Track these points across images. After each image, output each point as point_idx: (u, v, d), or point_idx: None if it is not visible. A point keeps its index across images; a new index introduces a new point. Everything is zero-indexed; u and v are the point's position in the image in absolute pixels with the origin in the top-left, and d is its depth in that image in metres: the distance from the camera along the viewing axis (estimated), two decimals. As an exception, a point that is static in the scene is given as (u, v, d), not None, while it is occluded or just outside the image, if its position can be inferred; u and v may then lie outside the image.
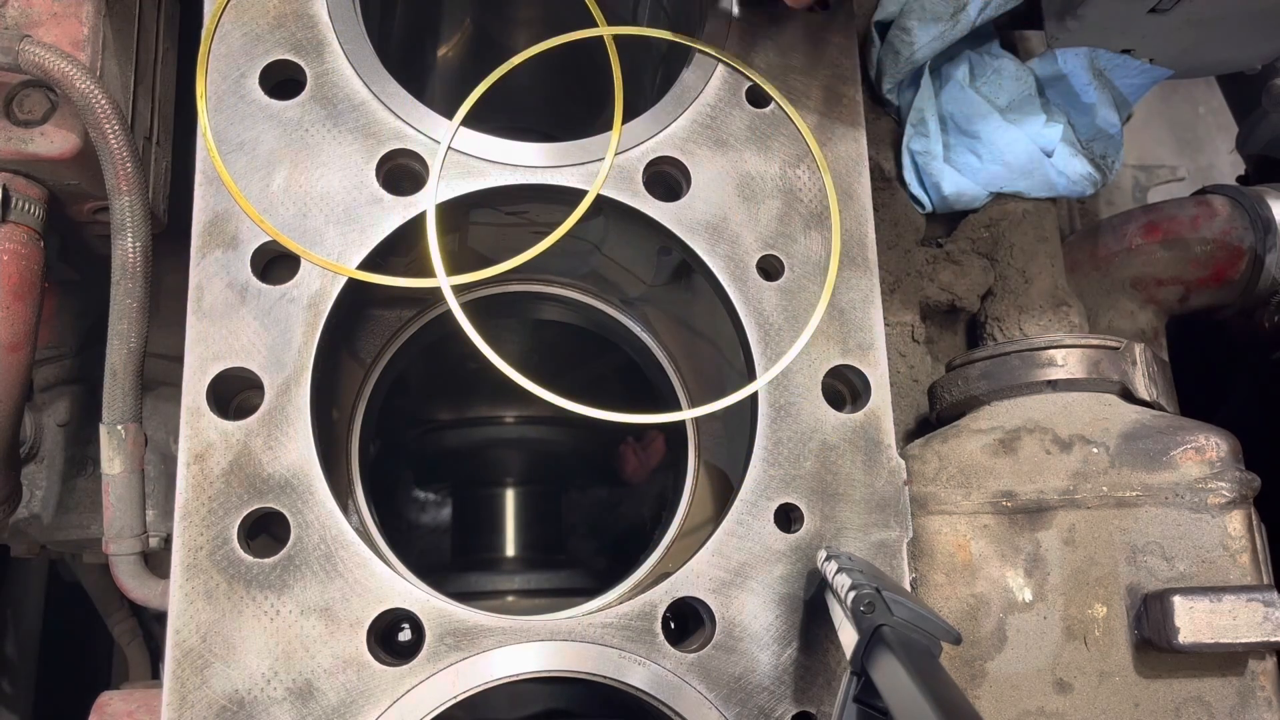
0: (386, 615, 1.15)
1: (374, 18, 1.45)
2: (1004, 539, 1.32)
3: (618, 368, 2.02)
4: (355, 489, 1.53)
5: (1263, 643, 1.21)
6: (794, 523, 1.26)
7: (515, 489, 2.10)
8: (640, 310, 1.65)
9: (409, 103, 1.30)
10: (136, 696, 1.37)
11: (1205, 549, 1.29)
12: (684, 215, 1.33)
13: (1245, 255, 1.71)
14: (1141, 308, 1.76)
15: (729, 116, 1.37)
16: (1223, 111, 2.37)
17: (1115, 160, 1.80)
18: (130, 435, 1.34)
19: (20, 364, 1.43)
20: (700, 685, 1.18)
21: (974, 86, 1.72)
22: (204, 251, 1.22)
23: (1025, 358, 1.42)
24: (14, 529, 1.74)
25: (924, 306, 1.73)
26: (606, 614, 1.19)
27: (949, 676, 0.91)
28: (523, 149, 1.31)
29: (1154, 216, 1.77)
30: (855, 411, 1.30)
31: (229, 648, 1.12)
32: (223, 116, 1.27)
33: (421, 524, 2.36)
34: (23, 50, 1.30)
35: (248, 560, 1.14)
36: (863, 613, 0.98)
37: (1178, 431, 1.34)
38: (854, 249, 1.36)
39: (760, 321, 1.31)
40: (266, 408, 1.19)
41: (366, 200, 1.26)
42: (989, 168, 1.70)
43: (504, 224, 1.49)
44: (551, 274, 1.65)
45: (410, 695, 1.12)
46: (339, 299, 1.23)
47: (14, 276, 1.41)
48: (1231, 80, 2.25)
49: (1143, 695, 1.27)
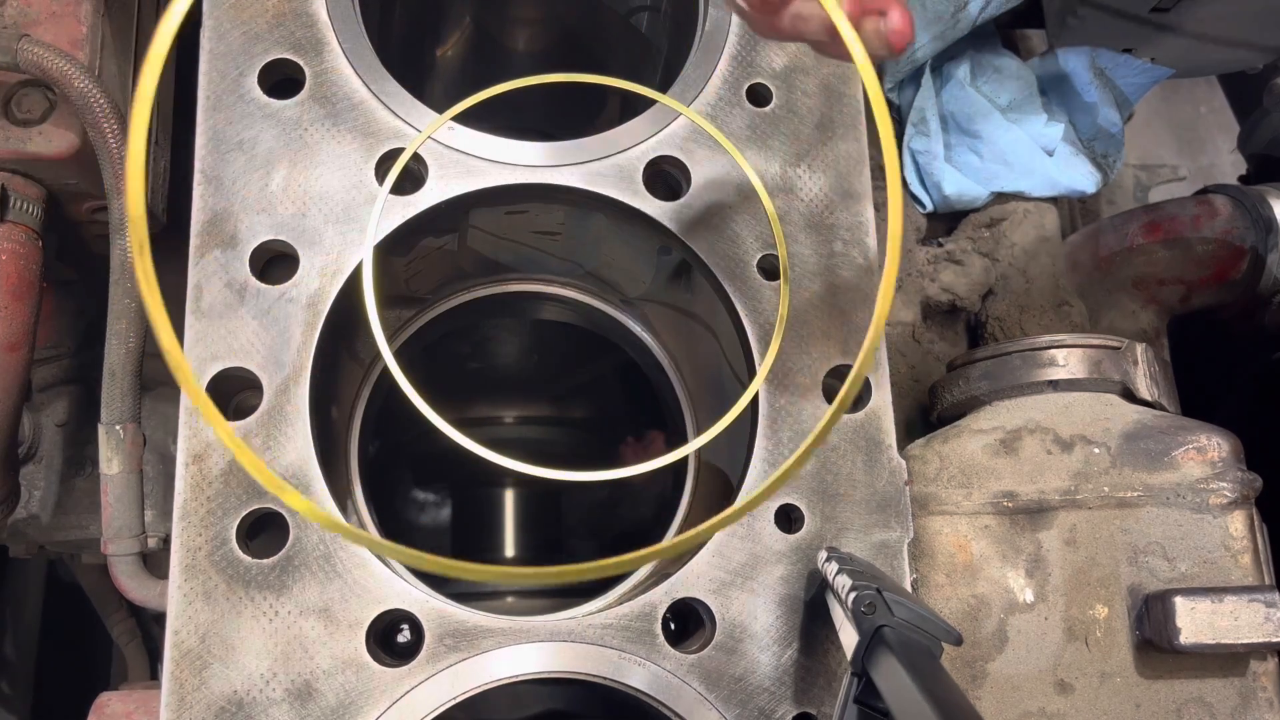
0: (385, 616, 1.15)
1: (373, 17, 1.45)
2: (1005, 539, 1.31)
3: (618, 368, 2.02)
4: (354, 489, 1.53)
5: (1264, 643, 1.21)
6: (794, 523, 1.26)
7: (514, 489, 2.10)
8: (640, 310, 1.65)
9: (408, 102, 1.30)
10: (135, 697, 1.36)
11: (1207, 549, 1.29)
12: (684, 215, 1.32)
13: (1246, 255, 1.71)
14: (1143, 307, 1.76)
15: (729, 115, 1.37)
16: (1224, 111, 2.37)
17: (1116, 159, 1.80)
18: (129, 435, 1.34)
19: (18, 364, 1.43)
20: (700, 686, 1.17)
21: (975, 86, 1.72)
22: (202, 251, 1.22)
23: (1026, 357, 1.42)
24: (12, 529, 1.74)
25: (925, 306, 1.73)
26: (606, 615, 1.19)
27: (950, 677, 0.90)
28: (522, 148, 1.31)
29: (1155, 216, 1.76)
30: (855, 411, 1.30)
31: (228, 648, 1.11)
32: (221, 116, 1.27)
33: (421, 524, 2.36)
34: (21, 49, 1.30)
35: (246, 561, 1.14)
36: (863, 613, 0.98)
37: (1179, 431, 1.33)
38: (853, 248, 1.36)
39: (760, 321, 1.31)
40: (265, 408, 1.18)
41: (365, 200, 1.26)
42: (990, 167, 1.70)
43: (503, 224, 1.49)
44: (551, 274, 1.65)
45: (409, 696, 1.12)
46: (338, 299, 1.23)
47: (12, 276, 1.41)
48: (1232, 80, 2.25)
49: (1144, 696, 1.27)
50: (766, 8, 0.90)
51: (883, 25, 0.87)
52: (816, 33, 0.90)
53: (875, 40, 0.87)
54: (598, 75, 1.28)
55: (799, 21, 0.90)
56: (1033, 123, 1.72)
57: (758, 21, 0.94)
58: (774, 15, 0.91)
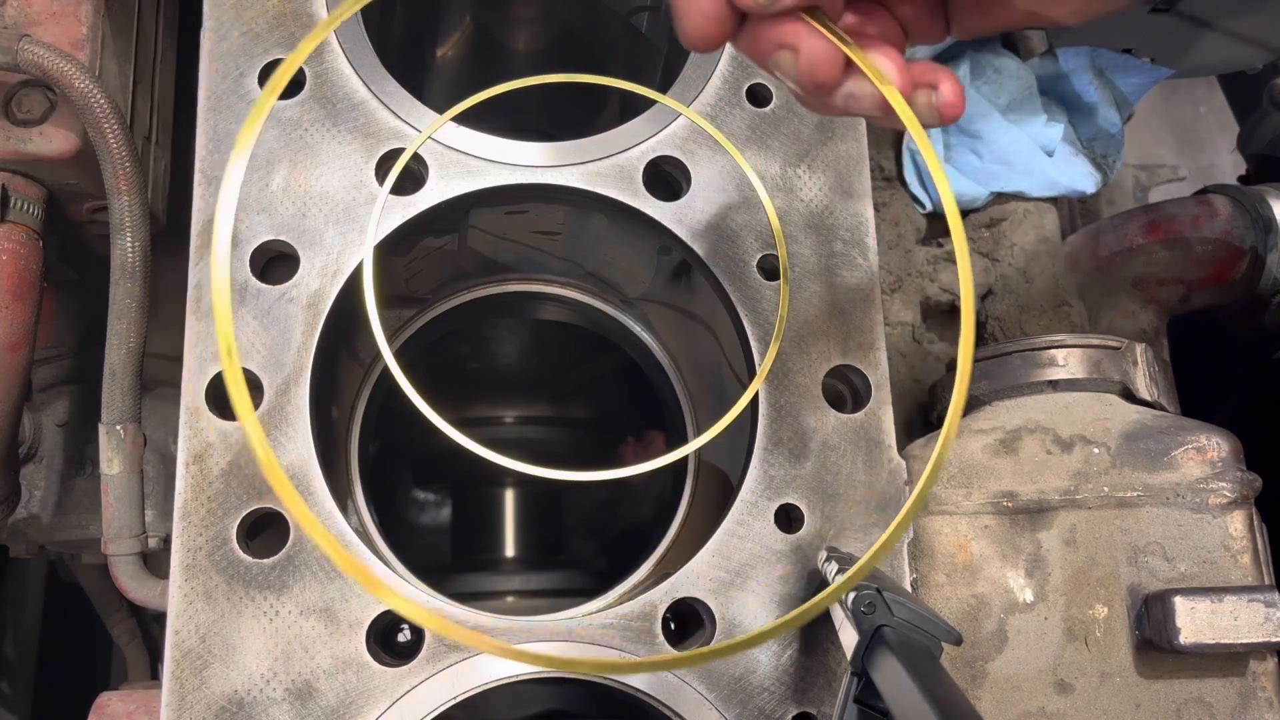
0: (386, 615, 1.15)
1: (373, 17, 1.45)
2: (1005, 539, 1.31)
3: (618, 368, 2.02)
4: (354, 489, 1.53)
5: (1264, 643, 1.21)
6: (794, 523, 1.26)
7: (514, 489, 2.10)
8: (640, 310, 1.65)
9: (408, 102, 1.30)
10: (136, 697, 1.36)
11: (1206, 549, 1.29)
12: (684, 215, 1.33)
13: (1246, 255, 1.71)
14: (1142, 307, 1.76)
15: (729, 115, 1.37)
16: (1224, 111, 2.37)
17: (1116, 160, 1.80)
18: (129, 435, 1.34)
19: (19, 364, 1.43)
20: (700, 686, 1.17)
21: (975, 86, 1.72)
22: (203, 251, 1.22)
23: (1026, 358, 1.42)
24: (13, 529, 1.74)
25: (924, 306, 1.73)
26: (606, 614, 1.19)
27: (949, 677, 0.90)
28: (522, 149, 1.31)
29: (1155, 216, 1.76)
30: (855, 411, 1.30)
31: (228, 648, 1.11)
32: (222, 116, 1.27)
33: (421, 524, 2.36)
34: (21, 49, 1.30)
35: (247, 561, 1.14)
36: (863, 613, 0.98)
37: (1179, 432, 1.33)
38: (853, 248, 1.36)
39: (760, 321, 1.31)
40: (265, 408, 1.18)
41: (366, 200, 1.26)
42: (990, 167, 1.70)
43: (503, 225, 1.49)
44: (551, 274, 1.65)
45: (410, 696, 1.12)
46: (338, 299, 1.23)
47: (13, 276, 1.41)
48: (1232, 80, 2.25)
49: (1144, 696, 1.27)
50: (818, 90, 0.91)
51: (934, 99, 0.89)
52: (870, 109, 0.91)
53: (928, 113, 0.90)
54: (598, 75, 1.28)
55: (852, 100, 0.91)
56: (1032, 123, 1.72)
57: (810, 101, 0.95)
58: (826, 95, 0.91)
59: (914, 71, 0.89)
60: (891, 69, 0.87)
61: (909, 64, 0.89)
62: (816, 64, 0.88)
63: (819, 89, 0.90)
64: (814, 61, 0.88)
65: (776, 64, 0.90)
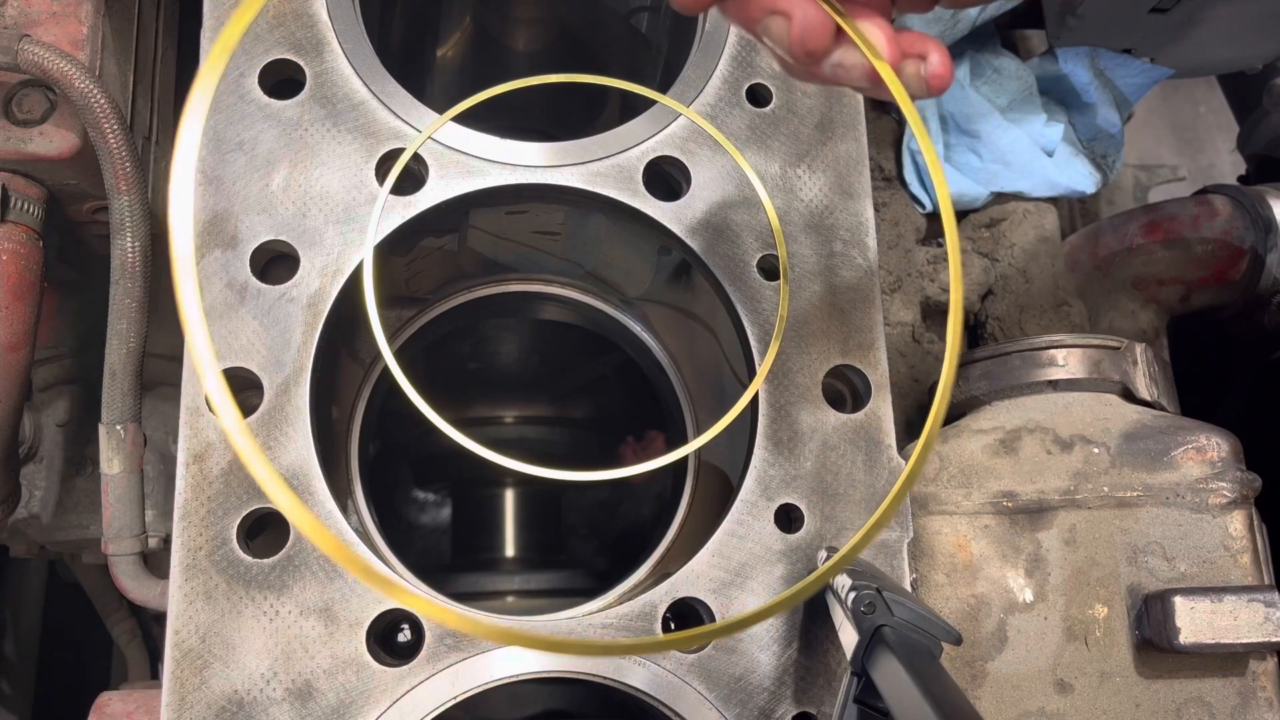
0: (386, 615, 1.15)
1: (373, 17, 1.45)
2: (1004, 539, 1.31)
3: (618, 368, 2.02)
4: (355, 489, 1.53)
5: (1264, 643, 1.21)
6: (794, 523, 1.26)
7: (514, 489, 2.11)
8: (640, 310, 1.65)
9: (408, 102, 1.30)
10: (136, 697, 1.36)
11: (1206, 549, 1.29)
12: (684, 215, 1.33)
13: (1246, 255, 1.71)
14: (1142, 307, 1.76)
15: (729, 115, 1.37)
16: (1223, 111, 2.37)
17: (1116, 160, 1.80)
18: (129, 435, 1.34)
19: (19, 364, 1.43)
20: (700, 686, 1.17)
21: (974, 86, 1.72)
22: (203, 251, 1.22)
23: (1026, 357, 1.42)
24: (13, 529, 1.74)
25: (924, 306, 1.73)
26: (606, 614, 1.19)
27: (949, 677, 0.90)
28: (522, 148, 1.31)
29: (1155, 216, 1.77)
30: (855, 411, 1.30)
31: (228, 648, 1.11)
32: (221, 116, 1.27)
33: (421, 524, 2.36)
34: (21, 49, 1.30)
35: (247, 560, 1.14)
36: (863, 613, 0.98)
37: (1179, 431, 1.34)
38: (853, 249, 1.36)
39: (760, 321, 1.31)
40: (265, 408, 1.18)
41: (366, 200, 1.26)
42: (989, 167, 1.70)
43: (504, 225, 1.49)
44: (551, 274, 1.65)
45: (410, 696, 1.12)
46: (338, 299, 1.23)
47: (13, 276, 1.41)
48: (1232, 80, 2.25)
49: (1144, 696, 1.27)
50: (808, 58, 0.89)
51: (923, 69, 0.88)
52: (858, 79, 0.90)
53: (915, 83, 0.88)
54: (598, 75, 1.28)
55: (839, 70, 0.90)
56: (1032, 123, 1.72)
57: (797, 70, 0.93)
58: (815, 65, 0.90)
59: (903, 41, 0.88)
60: (880, 38, 0.86)
61: (898, 33, 0.88)
62: (809, 30, 0.86)
63: (809, 57, 0.89)
64: (807, 28, 0.86)
65: (766, 29, 0.88)
